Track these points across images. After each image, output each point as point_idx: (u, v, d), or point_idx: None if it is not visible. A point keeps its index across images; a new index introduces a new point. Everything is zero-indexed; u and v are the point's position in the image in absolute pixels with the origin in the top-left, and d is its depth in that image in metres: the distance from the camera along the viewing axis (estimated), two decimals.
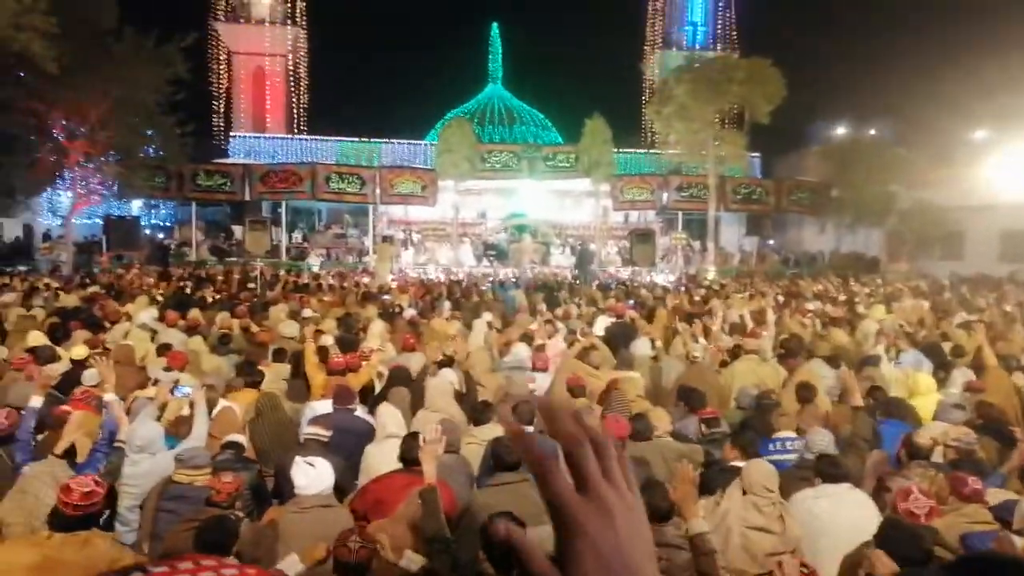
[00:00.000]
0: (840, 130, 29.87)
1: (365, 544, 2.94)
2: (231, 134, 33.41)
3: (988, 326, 10.07)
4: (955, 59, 24.77)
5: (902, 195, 25.33)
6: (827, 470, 3.96)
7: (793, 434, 5.21)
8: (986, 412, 5.66)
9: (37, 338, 7.60)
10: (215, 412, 5.17)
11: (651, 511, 3.14)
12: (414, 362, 6.91)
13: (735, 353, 7.83)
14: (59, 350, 7.16)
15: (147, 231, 27.39)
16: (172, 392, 5.31)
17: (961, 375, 7.18)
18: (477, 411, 5.21)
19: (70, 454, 4.24)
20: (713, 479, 4.35)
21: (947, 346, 8.54)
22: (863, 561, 3.23)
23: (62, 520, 3.11)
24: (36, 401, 4.99)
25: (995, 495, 3.92)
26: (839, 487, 3.91)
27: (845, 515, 3.61)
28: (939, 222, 24.66)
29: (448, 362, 6.85)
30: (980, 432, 4.88)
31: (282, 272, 19.10)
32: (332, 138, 30.50)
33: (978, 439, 4.68)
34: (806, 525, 3.77)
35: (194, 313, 9.64)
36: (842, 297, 14.32)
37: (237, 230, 25.17)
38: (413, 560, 3.14)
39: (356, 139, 30.21)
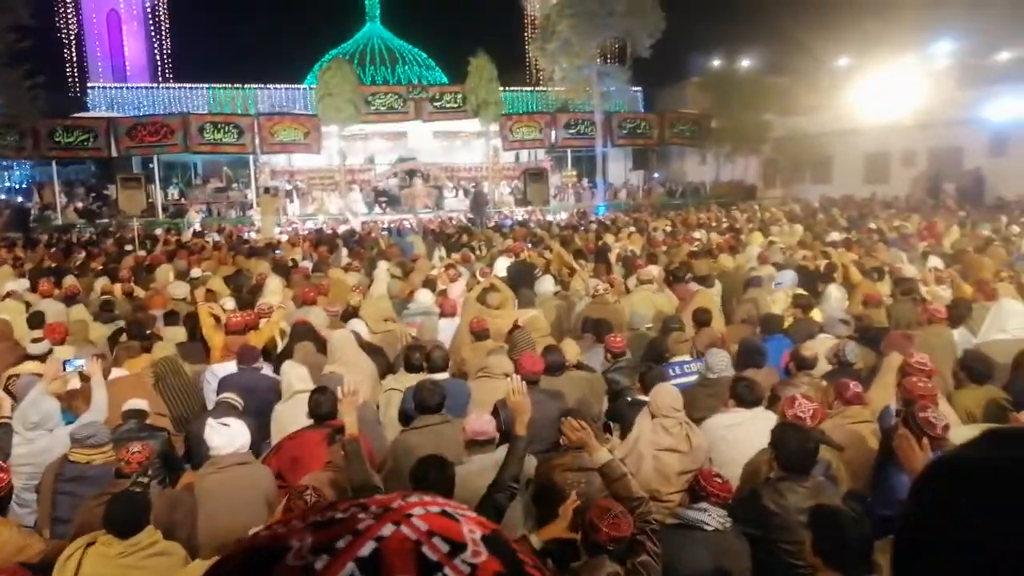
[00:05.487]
0: (716, 61, 30.74)
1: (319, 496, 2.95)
2: (88, 85, 30.74)
3: (856, 244, 10.95)
4: None
5: (776, 123, 26.56)
6: (743, 394, 4.10)
7: (688, 357, 5.55)
8: (864, 325, 6.21)
9: None
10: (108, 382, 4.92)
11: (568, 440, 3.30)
12: (314, 316, 6.78)
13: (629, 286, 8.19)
14: None
15: (1, 195, 25.05)
16: (64, 367, 4.99)
17: (835, 290, 7.75)
18: (410, 357, 5.15)
19: None
20: (621, 411, 4.60)
21: (822, 264, 9.16)
22: (762, 467, 3.54)
23: None
24: None
25: None
26: (754, 411, 4.08)
27: (757, 440, 3.65)
28: (809, 148, 26.01)
29: (353, 313, 6.77)
30: (859, 343, 5.35)
31: (159, 231, 18.02)
32: (202, 85, 28.61)
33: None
34: (717, 447, 3.97)
35: (70, 280, 9.03)
36: (724, 224, 15.06)
37: (111, 189, 23.45)
38: None
39: (229, 85, 28.49)
